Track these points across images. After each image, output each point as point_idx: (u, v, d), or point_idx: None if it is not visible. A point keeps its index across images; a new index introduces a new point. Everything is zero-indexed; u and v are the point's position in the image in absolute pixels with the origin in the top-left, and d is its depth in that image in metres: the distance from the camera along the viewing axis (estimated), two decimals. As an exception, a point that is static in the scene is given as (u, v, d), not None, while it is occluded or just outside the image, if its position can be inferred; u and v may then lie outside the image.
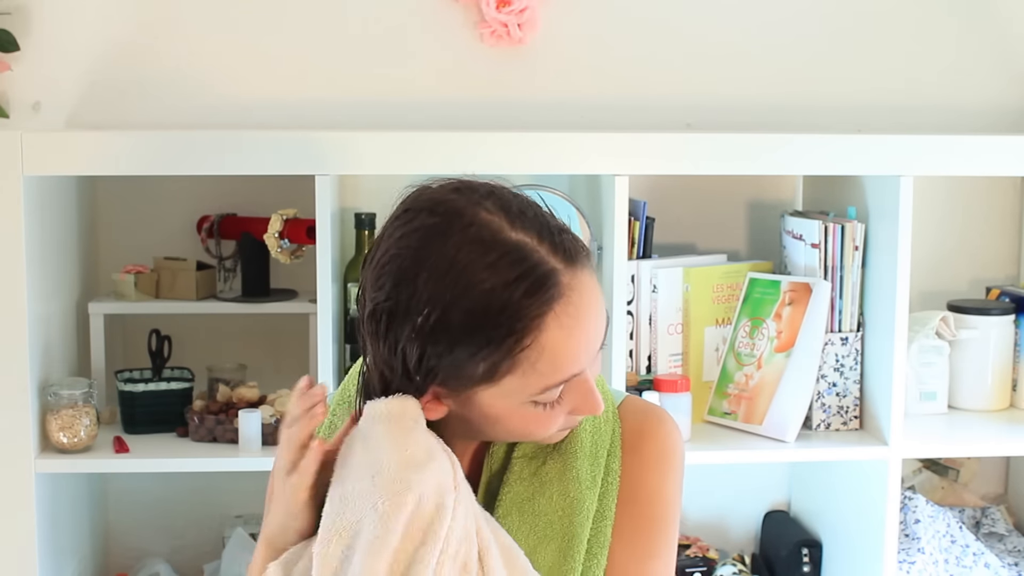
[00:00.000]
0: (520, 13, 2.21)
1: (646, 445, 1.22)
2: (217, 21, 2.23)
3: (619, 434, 1.23)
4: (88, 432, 1.98)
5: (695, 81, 2.32)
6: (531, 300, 1.05)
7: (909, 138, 2.00)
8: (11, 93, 2.20)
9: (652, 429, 1.23)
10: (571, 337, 1.07)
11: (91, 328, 2.13)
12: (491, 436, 1.17)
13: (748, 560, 2.32)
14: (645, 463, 1.22)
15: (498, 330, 1.05)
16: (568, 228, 1.12)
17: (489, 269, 1.05)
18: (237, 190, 2.22)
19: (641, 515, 1.21)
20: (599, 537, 1.19)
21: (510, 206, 1.10)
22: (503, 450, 1.21)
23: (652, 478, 1.22)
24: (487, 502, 1.20)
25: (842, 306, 2.07)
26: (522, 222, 1.08)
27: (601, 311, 1.10)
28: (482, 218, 1.08)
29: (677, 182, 2.28)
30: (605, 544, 1.19)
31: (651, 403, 1.29)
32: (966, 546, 2.17)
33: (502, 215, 1.08)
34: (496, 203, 1.10)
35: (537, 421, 1.12)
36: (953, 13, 2.35)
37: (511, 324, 1.05)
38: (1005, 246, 2.41)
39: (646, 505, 1.21)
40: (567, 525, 1.18)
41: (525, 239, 1.07)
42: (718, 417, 2.13)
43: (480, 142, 1.95)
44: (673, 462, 1.23)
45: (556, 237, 1.09)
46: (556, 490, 1.19)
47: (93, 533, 2.23)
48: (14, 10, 2.17)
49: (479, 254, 1.06)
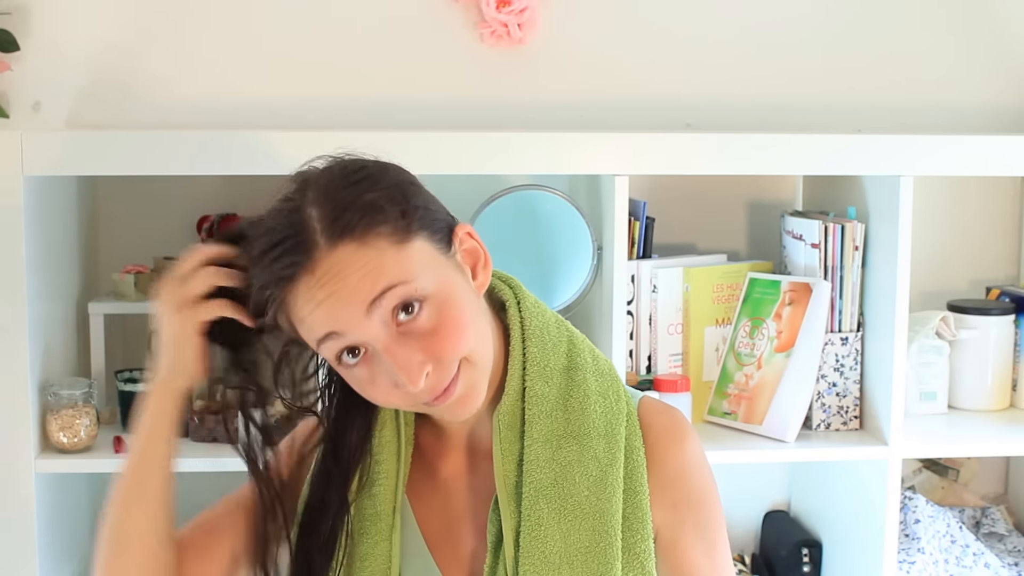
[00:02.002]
0: (520, 13, 2.21)
1: (676, 451, 1.26)
2: (217, 21, 2.23)
3: (635, 415, 1.26)
4: (88, 432, 1.98)
5: (695, 81, 2.32)
6: (279, 264, 1.13)
7: (909, 138, 1.99)
8: (11, 93, 2.20)
9: (679, 433, 1.28)
10: (314, 306, 1.12)
11: (91, 328, 2.13)
12: None
13: (748, 560, 2.32)
14: (685, 466, 1.26)
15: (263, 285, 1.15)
16: (364, 202, 1.14)
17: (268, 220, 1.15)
18: (237, 190, 2.22)
19: (699, 518, 1.26)
20: (637, 513, 1.21)
21: (335, 172, 1.17)
22: (515, 439, 1.22)
23: (696, 481, 1.27)
24: (511, 494, 1.20)
25: (842, 306, 2.07)
26: (315, 189, 1.15)
27: (365, 281, 1.12)
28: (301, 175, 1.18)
29: (677, 182, 2.28)
30: (645, 520, 1.21)
31: (666, 405, 1.32)
32: (966, 546, 2.17)
33: (311, 179, 1.16)
34: (329, 167, 1.18)
35: (359, 383, 1.17)
36: (953, 13, 2.35)
37: (264, 281, 1.14)
38: (1005, 246, 2.41)
39: (700, 509, 1.26)
40: (595, 504, 1.19)
41: (303, 206, 1.14)
42: (718, 417, 2.13)
43: (480, 142, 1.94)
44: (706, 460, 1.29)
45: (337, 210, 1.13)
46: (577, 472, 1.20)
47: (93, 533, 2.22)
48: (14, 10, 2.17)
49: (270, 208, 1.16)
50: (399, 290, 1.12)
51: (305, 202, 1.14)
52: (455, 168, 1.93)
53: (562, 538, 1.18)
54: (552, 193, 2.05)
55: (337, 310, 1.11)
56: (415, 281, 1.12)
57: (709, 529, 1.25)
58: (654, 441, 1.25)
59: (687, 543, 1.24)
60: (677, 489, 1.24)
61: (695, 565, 1.23)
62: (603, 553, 1.18)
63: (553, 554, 1.18)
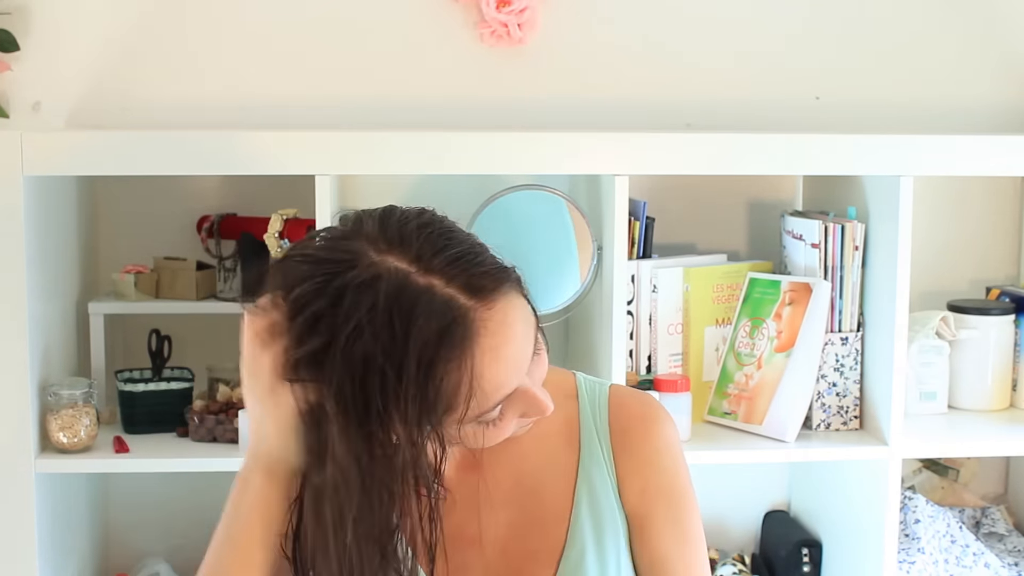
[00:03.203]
0: (520, 13, 2.21)
1: (649, 437, 1.25)
2: (217, 21, 2.23)
3: (605, 414, 1.26)
4: (88, 432, 1.98)
5: (695, 81, 2.32)
6: (447, 345, 1.04)
7: (909, 138, 1.99)
8: (11, 93, 2.20)
9: (651, 418, 1.26)
10: (495, 364, 1.06)
11: (91, 328, 2.13)
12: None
13: (748, 560, 2.32)
14: (656, 452, 1.25)
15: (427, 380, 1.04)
16: (478, 251, 1.09)
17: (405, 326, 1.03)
18: (237, 190, 2.22)
19: (670, 504, 1.24)
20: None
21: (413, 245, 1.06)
22: None
23: (667, 466, 1.25)
24: None
25: (842, 306, 2.07)
26: (428, 264, 1.05)
27: (526, 328, 1.09)
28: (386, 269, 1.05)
29: (677, 182, 2.28)
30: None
31: (637, 391, 1.32)
32: (966, 546, 2.17)
33: (406, 261, 1.05)
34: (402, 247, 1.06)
35: (488, 436, 1.13)
36: (953, 13, 2.35)
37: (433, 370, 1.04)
38: (1005, 246, 2.41)
39: (671, 494, 1.25)
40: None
41: (433, 283, 1.05)
42: (718, 417, 2.13)
43: (480, 142, 1.94)
44: (679, 445, 1.27)
45: (466, 272, 1.06)
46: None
47: (93, 533, 2.23)
48: (14, 10, 2.17)
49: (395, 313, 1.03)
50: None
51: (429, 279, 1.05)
52: (455, 168, 1.93)
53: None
54: (552, 193, 2.05)
55: (512, 371, 1.08)
56: None
57: (681, 517, 1.25)
58: (626, 427, 1.25)
59: (658, 530, 1.24)
60: (647, 475, 1.24)
61: (666, 553, 1.23)
62: None
63: None
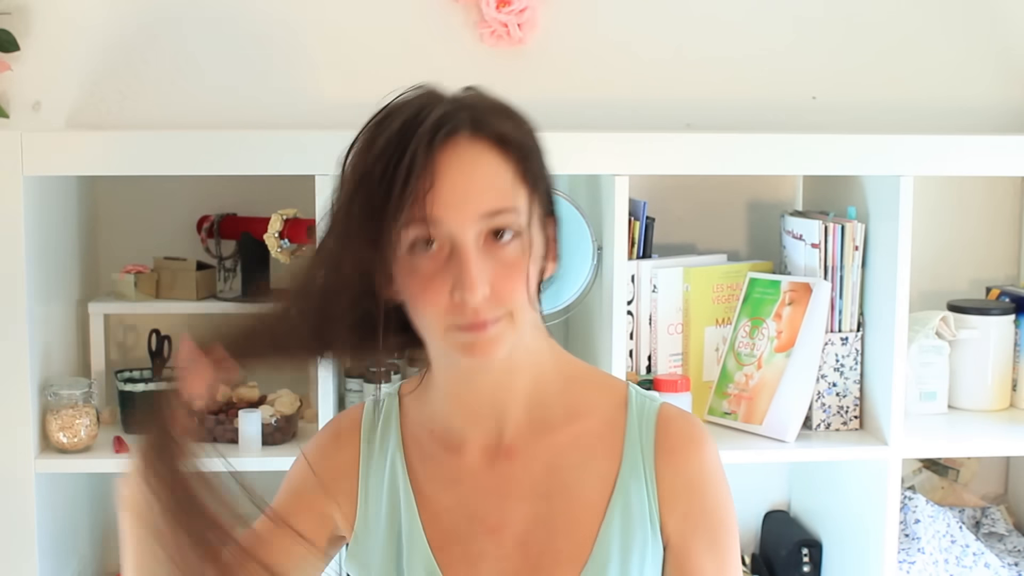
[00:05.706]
0: (520, 13, 2.21)
1: (694, 459, 1.24)
2: (216, 21, 2.23)
3: (652, 430, 1.25)
4: (88, 432, 1.98)
5: (695, 81, 2.32)
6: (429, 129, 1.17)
7: (909, 138, 2.00)
8: (11, 93, 2.20)
9: (699, 440, 1.25)
10: (430, 184, 1.12)
11: (91, 328, 2.13)
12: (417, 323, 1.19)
13: (748, 560, 2.32)
14: (701, 476, 1.24)
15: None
16: (524, 128, 1.21)
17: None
18: (237, 190, 2.22)
19: (710, 529, 1.23)
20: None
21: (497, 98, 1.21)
22: None
23: (711, 491, 1.24)
24: None
25: (842, 306, 2.07)
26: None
27: (486, 181, 1.15)
28: None
29: (677, 182, 2.28)
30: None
31: (686, 412, 1.30)
32: (966, 546, 2.17)
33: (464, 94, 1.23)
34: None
35: (418, 276, 1.14)
36: (953, 13, 2.35)
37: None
38: (1005, 246, 2.41)
39: (712, 520, 1.24)
40: None
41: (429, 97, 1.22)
42: (718, 417, 2.13)
43: (480, 142, 1.94)
44: (723, 470, 1.26)
45: (493, 113, 1.18)
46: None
47: (93, 533, 2.23)
48: (14, 10, 2.17)
49: None
50: (510, 217, 1.15)
51: (459, 97, 1.22)
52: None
53: None
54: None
55: (452, 199, 1.13)
56: (522, 218, 1.16)
57: (721, 543, 1.24)
58: (672, 447, 1.24)
59: (698, 554, 1.23)
60: (691, 499, 1.23)
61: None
62: None
63: None
